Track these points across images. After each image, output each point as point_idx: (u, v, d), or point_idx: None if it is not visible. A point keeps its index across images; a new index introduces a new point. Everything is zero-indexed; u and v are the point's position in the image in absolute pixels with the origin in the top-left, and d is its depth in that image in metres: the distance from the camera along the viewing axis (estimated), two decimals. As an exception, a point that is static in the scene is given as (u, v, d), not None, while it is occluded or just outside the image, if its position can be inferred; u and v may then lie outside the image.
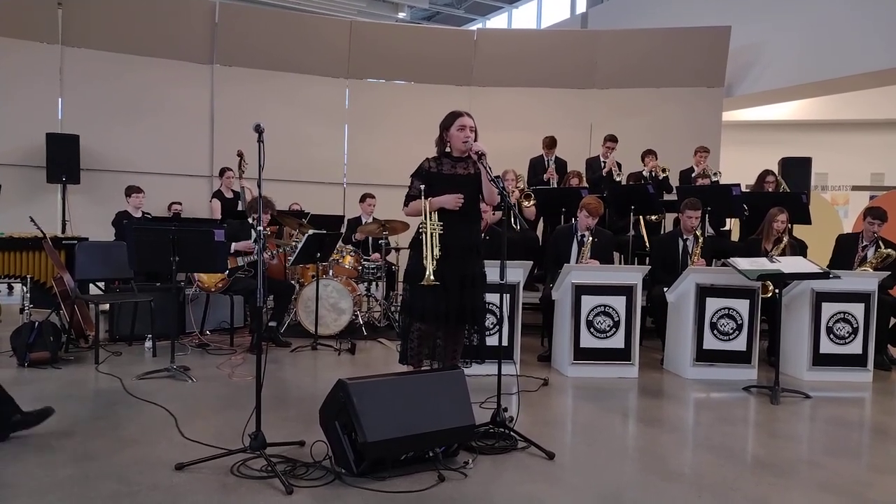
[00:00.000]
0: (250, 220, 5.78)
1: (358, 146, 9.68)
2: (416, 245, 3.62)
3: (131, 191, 7.04)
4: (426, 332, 3.64)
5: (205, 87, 9.02)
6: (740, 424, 4.01)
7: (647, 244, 6.86)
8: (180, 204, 8.30)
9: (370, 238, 7.14)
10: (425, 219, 3.55)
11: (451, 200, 3.56)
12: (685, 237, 5.69)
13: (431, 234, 3.53)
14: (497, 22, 18.94)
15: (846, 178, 13.28)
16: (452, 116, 3.63)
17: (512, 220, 6.70)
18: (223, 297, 5.96)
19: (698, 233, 5.69)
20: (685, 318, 5.11)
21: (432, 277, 3.44)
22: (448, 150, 3.66)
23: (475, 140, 3.58)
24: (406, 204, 3.69)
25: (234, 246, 5.51)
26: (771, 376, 4.69)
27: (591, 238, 5.45)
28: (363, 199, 7.49)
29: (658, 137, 8.56)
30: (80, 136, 8.07)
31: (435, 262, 3.47)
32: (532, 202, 6.96)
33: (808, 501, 2.87)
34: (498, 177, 3.53)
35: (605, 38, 10.01)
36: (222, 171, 7.87)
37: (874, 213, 5.65)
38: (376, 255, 6.86)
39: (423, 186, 3.59)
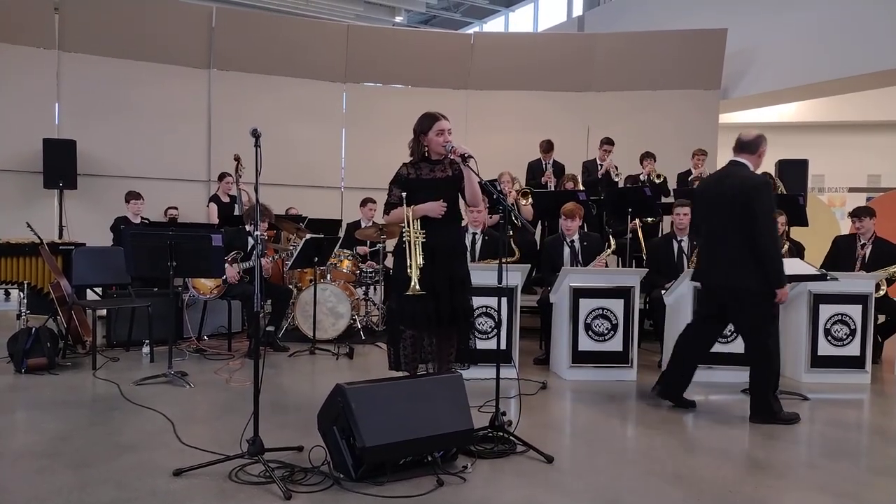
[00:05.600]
0: (247, 227, 5.77)
1: (355, 150, 9.69)
2: (400, 253, 3.58)
3: (130, 197, 7.03)
4: (418, 337, 3.63)
5: (202, 91, 9.03)
6: (739, 427, 4.00)
7: (644, 248, 6.87)
8: (176, 209, 8.29)
9: (368, 246, 7.14)
10: (408, 227, 3.51)
11: (436, 208, 3.52)
12: (679, 238, 5.70)
13: (414, 242, 3.48)
14: (494, 25, 18.96)
15: (843, 179, 13.30)
16: (430, 120, 3.56)
17: (513, 220, 6.72)
18: (220, 302, 5.93)
19: None
20: (684, 320, 5.07)
21: (417, 287, 3.41)
22: (426, 153, 3.63)
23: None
24: (386, 212, 3.66)
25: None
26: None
27: (581, 243, 5.54)
28: (364, 203, 7.50)
29: (655, 140, 8.58)
30: (77, 142, 8.08)
31: (419, 271, 3.44)
32: (529, 200, 6.97)
33: (807, 504, 2.87)
34: (493, 181, 3.52)
35: (601, 41, 10.03)
36: (221, 176, 7.87)
37: (856, 213, 5.96)
38: (371, 263, 6.86)
39: (403, 194, 3.55)
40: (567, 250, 5.57)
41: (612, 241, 5.61)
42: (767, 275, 3.87)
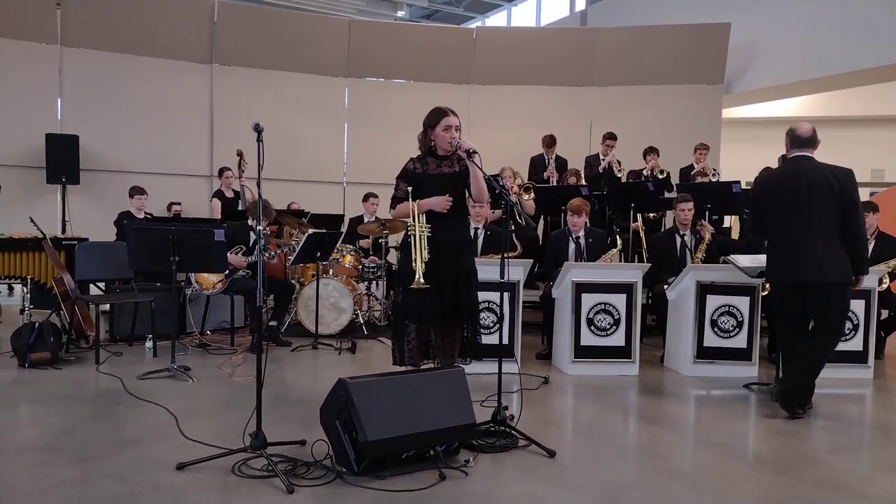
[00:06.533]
0: (250, 222, 5.78)
1: (357, 145, 9.69)
2: (406, 247, 3.59)
3: (135, 192, 7.05)
4: (423, 331, 3.63)
5: (204, 86, 9.03)
6: (741, 422, 4.00)
7: (645, 243, 6.86)
8: (179, 204, 8.30)
9: (370, 240, 7.15)
10: (413, 221, 3.50)
11: (441, 203, 3.52)
12: (682, 233, 5.70)
13: (420, 236, 3.48)
14: (496, 20, 18.92)
15: (846, 174, 13.23)
16: (438, 115, 3.56)
17: (516, 216, 6.72)
18: (223, 297, 5.95)
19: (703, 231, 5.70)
20: (686, 315, 5.10)
21: (422, 281, 3.40)
22: (433, 148, 3.63)
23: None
24: (393, 206, 3.65)
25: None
26: (772, 373, 4.69)
27: (586, 239, 5.54)
28: (366, 198, 7.49)
29: (658, 135, 8.56)
30: (80, 137, 8.08)
31: (424, 265, 3.43)
32: (531, 195, 6.97)
33: (808, 498, 2.87)
34: (496, 176, 3.51)
35: (604, 35, 10.01)
36: (221, 171, 7.88)
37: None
38: (373, 258, 6.86)
39: (409, 188, 3.55)
40: (572, 246, 5.57)
41: (619, 241, 5.61)
42: (856, 262, 3.86)
